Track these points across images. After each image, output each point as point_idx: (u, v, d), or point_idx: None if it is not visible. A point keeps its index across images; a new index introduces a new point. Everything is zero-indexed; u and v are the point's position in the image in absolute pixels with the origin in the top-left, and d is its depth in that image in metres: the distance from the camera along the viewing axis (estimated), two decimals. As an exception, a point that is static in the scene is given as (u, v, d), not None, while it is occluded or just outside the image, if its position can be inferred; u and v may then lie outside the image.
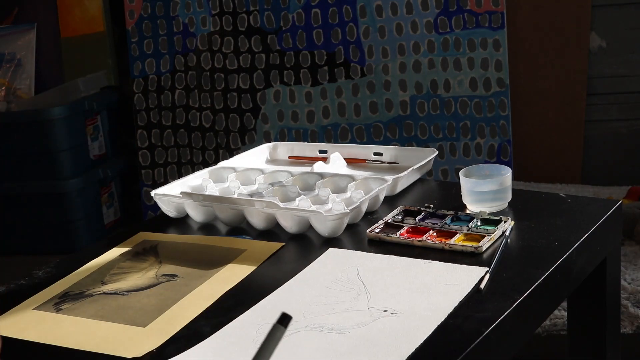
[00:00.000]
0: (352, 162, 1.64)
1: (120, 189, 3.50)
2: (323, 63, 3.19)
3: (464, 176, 1.37)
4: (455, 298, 1.05)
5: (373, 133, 3.17)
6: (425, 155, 1.57)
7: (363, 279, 1.13)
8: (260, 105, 3.26)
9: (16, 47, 3.50)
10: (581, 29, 3.04)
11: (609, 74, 3.06)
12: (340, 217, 1.29)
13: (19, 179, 3.20)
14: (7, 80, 3.45)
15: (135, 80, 3.35)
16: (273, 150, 1.74)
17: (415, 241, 1.24)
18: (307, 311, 1.05)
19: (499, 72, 3.03)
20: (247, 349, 0.97)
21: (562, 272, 1.15)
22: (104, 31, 3.47)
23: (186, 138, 3.34)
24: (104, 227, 3.38)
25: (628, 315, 2.11)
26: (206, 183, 1.50)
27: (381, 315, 1.02)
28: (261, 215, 1.35)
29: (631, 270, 2.28)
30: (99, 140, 3.39)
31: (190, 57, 3.30)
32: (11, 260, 3.20)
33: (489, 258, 1.17)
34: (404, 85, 3.12)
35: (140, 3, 3.32)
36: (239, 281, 1.18)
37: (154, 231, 1.41)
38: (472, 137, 3.08)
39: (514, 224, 1.27)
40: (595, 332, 1.37)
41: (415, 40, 3.10)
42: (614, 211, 1.32)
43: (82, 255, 1.33)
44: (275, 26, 3.22)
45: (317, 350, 0.95)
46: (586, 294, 1.35)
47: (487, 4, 3.01)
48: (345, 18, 3.15)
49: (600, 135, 3.10)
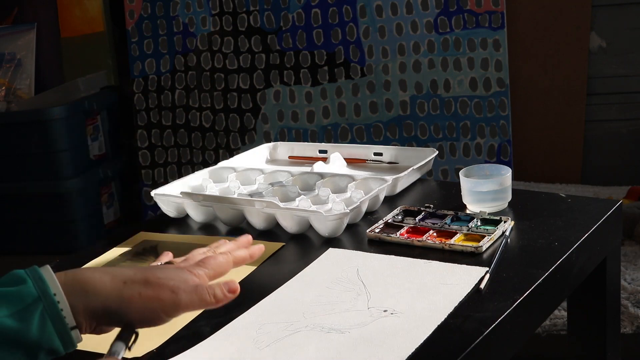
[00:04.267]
0: (352, 162, 1.64)
1: (120, 189, 3.50)
2: (323, 63, 3.19)
3: (464, 176, 1.37)
4: (455, 298, 1.05)
5: (373, 133, 3.17)
6: (425, 155, 1.57)
7: (363, 279, 1.13)
8: (260, 105, 3.26)
9: (16, 47, 3.50)
10: (581, 29, 3.04)
11: (609, 74, 3.06)
12: (340, 217, 1.29)
13: (19, 179, 3.20)
14: (7, 80, 3.45)
15: (135, 80, 3.35)
16: (273, 150, 1.74)
17: (415, 241, 1.24)
18: (307, 311, 1.05)
19: (499, 72, 3.03)
20: (247, 349, 0.97)
21: (562, 272, 1.15)
22: (104, 31, 3.47)
23: (186, 138, 3.34)
24: (104, 227, 3.38)
25: (628, 315, 2.11)
26: (206, 183, 1.50)
27: (381, 315, 1.02)
28: (261, 215, 1.35)
29: (631, 270, 2.28)
30: (99, 140, 3.39)
31: (190, 57, 3.30)
32: (11, 260, 3.20)
33: (489, 258, 1.17)
34: (404, 85, 3.13)
35: (140, 3, 3.32)
36: (239, 281, 1.18)
37: (154, 231, 1.41)
38: (472, 137, 3.08)
39: (514, 224, 1.27)
40: (595, 332, 1.37)
41: (415, 40, 3.10)
42: (614, 211, 1.32)
43: (82, 255, 1.33)
44: (275, 26, 3.22)
45: (317, 350, 0.95)
46: (586, 294, 1.35)
47: (487, 4, 3.01)
48: (345, 18, 3.15)
49: (600, 135, 3.10)
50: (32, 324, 0.83)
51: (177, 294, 0.89)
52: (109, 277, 0.89)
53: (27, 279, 0.85)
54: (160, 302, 0.89)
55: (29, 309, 0.83)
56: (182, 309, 0.90)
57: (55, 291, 0.85)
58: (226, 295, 0.93)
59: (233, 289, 0.94)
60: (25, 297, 0.83)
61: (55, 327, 0.84)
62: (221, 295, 0.92)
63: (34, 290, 0.84)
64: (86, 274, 0.89)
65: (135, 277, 0.89)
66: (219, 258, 0.98)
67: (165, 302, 0.89)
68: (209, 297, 0.91)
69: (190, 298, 0.90)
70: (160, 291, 0.89)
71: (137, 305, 0.88)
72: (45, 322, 0.83)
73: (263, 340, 0.98)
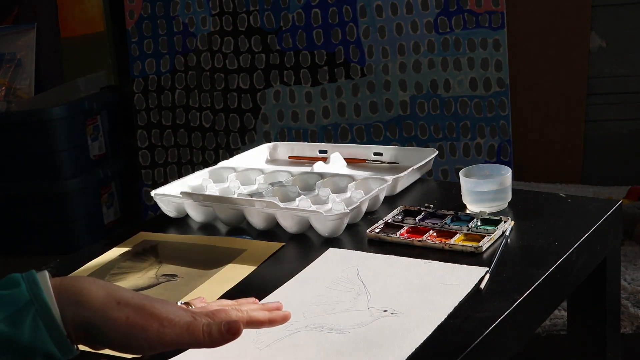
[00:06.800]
0: (352, 162, 1.64)
1: (120, 189, 3.50)
2: (323, 63, 3.19)
3: (464, 176, 1.37)
4: (455, 298, 1.05)
5: (373, 133, 3.17)
6: (425, 155, 1.57)
7: (363, 279, 1.13)
8: (260, 105, 3.26)
9: (16, 47, 3.50)
10: (581, 29, 3.04)
11: (609, 74, 3.06)
12: (340, 217, 1.29)
13: (19, 179, 3.20)
14: (7, 80, 3.45)
15: (135, 80, 3.35)
16: (273, 150, 1.74)
17: (415, 241, 1.24)
18: (307, 311, 1.05)
19: (499, 72, 3.03)
20: (247, 349, 0.97)
21: (562, 272, 1.15)
22: (104, 31, 3.47)
23: (186, 138, 3.34)
24: (104, 227, 3.38)
25: (628, 315, 2.11)
26: (206, 183, 1.50)
27: (381, 315, 1.02)
28: (261, 215, 1.35)
29: (631, 270, 2.28)
30: (99, 140, 3.39)
31: (190, 57, 3.30)
32: (11, 260, 3.20)
33: (489, 258, 1.17)
34: (404, 85, 3.13)
35: (140, 3, 3.32)
36: (239, 281, 1.18)
37: (154, 231, 1.41)
38: (472, 137, 3.08)
39: (514, 224, 1.27)
40: (595, 332, 1.37)
41: (415, 40, 3.10)
42: (614, 211, 1.32)
43: (82, 255, 1.33)
44: (275, 26, 3.22)
45: (317, 350, 0.95)
46: (586, 294, 1.35)
47: (487, 4, 3.01)
48: (345, 18, 3.15)
49: (600, 135, 3.10)
50: (24, 327, 0.81)
51: (164, 328, 0.85)
52: (104, 293, 0.85)
53: (22, 283, 0.83)
54: (144, 332, 0.84)
55: (21, 313, 0.81)
56: (167, 344, 0.85)
57: (48, 297, 0.82)
58: (223, 336, 0.86)
59: (234, 329, 0.87)
60: (18, 301, 0.82)
61: (48, 331, 0.82)
62: (217, 335, 0.86)
63: (26, 293, 0.82)
64: (83, 284, 0.86)
65: (132, 300, 0.85)
66: (230, 312, 0.91)
67: (149, 333, 0.84)
68: (202, 335, 0.86)
69: (178, 334, 0.85)
70: (148, 321, 0.84)
71: (122, 329, 0.84)
72: (38, 326, 0.81)
73: (263, 340, 0.98)
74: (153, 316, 0.85)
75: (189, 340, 0.86)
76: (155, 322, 0.85)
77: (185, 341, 0.86)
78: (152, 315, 0.85)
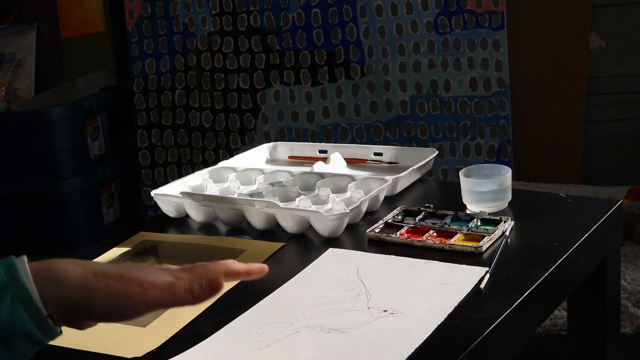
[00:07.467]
0: (352, 162, 1.64)
1: (120, 189, 3.50)
2: (323, 63, 3.19)
3: (464, 176, 1.37)
4: (455, 298, 1.05)
5: (373, 133, 3.17)
6: (425, 155, 1.57)
7: (363, 279, 1.13)
8: (260, 105, 3.26)
9: (16, 47, 3.50)
10: (581, 29, 3.04)
11: (609, 74, 3.06)
12: (340, 217, 1.29)
13: (19, 179, 3.20)
14: (7, 80, 3.45)
15: (135, 80, 3.35)
16: (273, 150, 1.74)
17: (415, 241, 1.24)
18: (307, 311, 1.05)
19: (499, 72, 3.03)
20: (247, 349, 0.97)
21: (562, 272, 1.15)
22: (104, 31, 3.47)
23: (186, 138, 3.34)
24: (104, 227, 3.37)
25: (628, 315, 2.11)
26: (206, 183, 1.50)
27: (381, 315, 1.02)
28: (261, 215, 1.35)
29: (631, 270, 2.28)
30: (99, 140, 3.39)
31: (190, 57, 3.30)
32: (11, 260, 3.19)
33: (489, 258, 1.17)
34: (404, 85, 3.13)
35: (140, 3, 3.32)
36: (239, 281, 1.18)
37: (154, 231, 1.41)
38: (472, 137, 3.08)
39: (514, 224, 1.27)
40: (595, 332, 1.37)
41: (415, 40, 3.10)
42: (614, 211, 1.32)
43: (82, 255, 1.33)
44: (275, 26, 3.22)
45: (317, 350, 0.95)
46: (586, 294, 1.35)
47: (487, 4, 3.01)
48: (345, 18, 3.15)
49: (600, 135, 3.10)
50: (2, 309, 0.82)
51: (146, 290, 0.85)
52: (81, 269, 0.86)
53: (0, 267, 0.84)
54: (126, 297, 0.85)
55: None
56: (151, 306, 0.86)
57: (25, 278, 0.84)
58: (205, 291, 0.86)
59: (215, 284, 0.86)
60: None
61: (27, 312, 0.82)
62: (199, 291, 0.86)
63: (3, 276, 0.84)
64: (59, 264, 0.87)
65: (108, 270, 0.86)
66: (208, 265, 0.91)
67: (132, 297, 0.85)
68: (184, 293, 0.86)
69: (160, 294, 0.86)
70: (128, 286, 0.85)
71: (103, 298, 0.84)
72: (16, 306, 0.82)
73: (263, 340, 0.99)
74: (133, 281, 0.86)
75: (171, 299, 0.86)
76: (136, 286, 0.86)
77: (168, 300, 0.86)
78: (131, 280, 0.86)
